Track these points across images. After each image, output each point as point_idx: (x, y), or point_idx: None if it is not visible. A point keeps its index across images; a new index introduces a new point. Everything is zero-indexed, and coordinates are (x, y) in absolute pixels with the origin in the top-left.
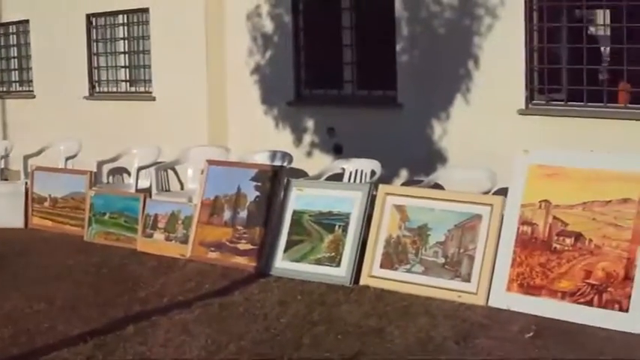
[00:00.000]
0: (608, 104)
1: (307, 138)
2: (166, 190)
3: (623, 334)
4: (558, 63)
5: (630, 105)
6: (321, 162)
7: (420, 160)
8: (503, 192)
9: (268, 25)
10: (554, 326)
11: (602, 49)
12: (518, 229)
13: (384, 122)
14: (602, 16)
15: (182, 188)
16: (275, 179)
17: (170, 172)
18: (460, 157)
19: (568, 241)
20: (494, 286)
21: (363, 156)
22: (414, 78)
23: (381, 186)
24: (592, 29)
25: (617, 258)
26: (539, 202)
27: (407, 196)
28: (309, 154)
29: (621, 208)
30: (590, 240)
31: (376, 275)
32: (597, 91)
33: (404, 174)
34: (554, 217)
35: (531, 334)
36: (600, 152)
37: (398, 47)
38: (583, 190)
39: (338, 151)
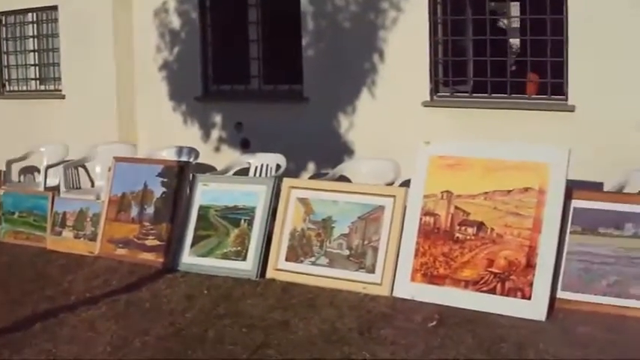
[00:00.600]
0: (513, 95)
1: (215, 133)
2: (77, 188)
3: (525, 321)
4: (465, 55)
5: (535, 96)
6: (230, 157)
7: (327, 153)
8: (408, 183)
9: (175, 22)
10: (457, 315)
11: (511, 40)
12: (421, 219)
13: (290, 116)
14: (512, 9)
15: (93, 186)
16: (181, 175)
17: (81, 169)
18: (366, 149)
19: (470, 230)
20: (398, 277)
21: (271, 150)
22: (319, 72)
23: (285, 180)
24: (503, 22)
25: (518, 246)
26: (441, 192)
27: (311, 189)
28: (217, 149)
29: (522, 197)
30: (492, 229)
31: (282, 268)
32: (513, 82)
33: (311, 167)
34: (456, 207)
35: (434, 323)
36: (502, 142)
37: (304, 42)
38: (484, 180)
39: (245, 146)
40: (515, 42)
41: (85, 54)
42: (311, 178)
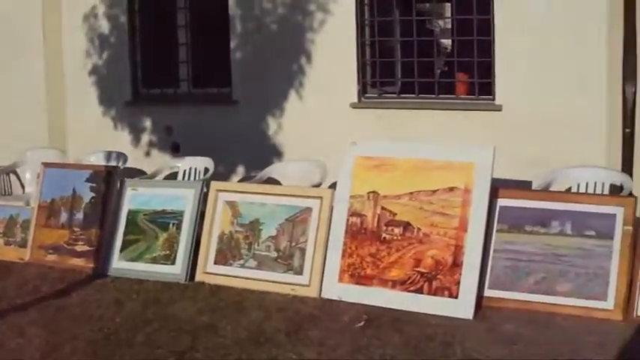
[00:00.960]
0: (440, 95)
1: (145, 137)
2: (8, 194)
3: (453, 320)
4: (393, 56)
5: (463, 96)
6: (160, 161)
7: (256, 156)
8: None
9: (105, 26)
10: (385, 315)
11: (443, 41)
12: (348, 220)
13: (220, 119)
14: (446, 10)
15: (24, 192)
16: (109, 180)
17: (12, 175)
18: (295, 151)
19: (397, 230)
20: (326, 278)
21: (202, 154)
22: (248, 75)
23: (212, 183)
24: (433, 23)
25: (445, 246)
26: (368, 193)
27: (238, 192)
28: (147, 153)
29: (448, 197)
30: (419, 229)
31: (211, 271)
32: (442, 82)
33: (241, 170)
34: (383, 208)
35: (362, 323)
36: (427, 142)
37: (232, 45)
38: (410, 180)
39: (176, 150)
40: (447, 43)
41: (14, 58)
42: (240, 180)
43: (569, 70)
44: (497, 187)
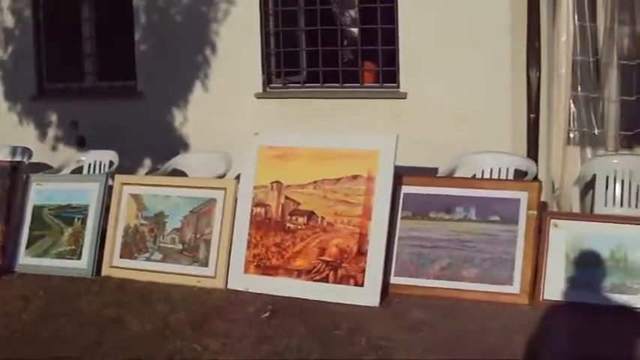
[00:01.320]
0: (345, 84)
1: (51, 132)
2: None
3: (359, 308)
4: (297, 46)
5: (367, 84)
6: (66, 155)
7: (163, 148)
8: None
9: (9, 20)
10: (291, 304)
11: (356, 30)
12: (252, 211)
13: (125, 112)
14: None
15: None
16: (14, 175)
17: None
18: (201, 142)
19: (301, 220)
20: (231, 269)
21: (108, 147)
22: (153, 67)
23: (117, 176)
24: (349, 12)
25: (349, 234)
26: (271, 183)
27: (143, 184)
28: (54, 148)
29: (351, 185)
30: (323, 218)
31: (117, 265)
32: (348, 71)
33: (148, 163)
34: (287, 197)
35: (268, 313)
36: (331, 131)
37: (136, 37)
38: (313, 170)
39: (81, 144)
40: (354, 31)
41: None
42: (147, 173)
43: (474, 57)
44: (401, 175)
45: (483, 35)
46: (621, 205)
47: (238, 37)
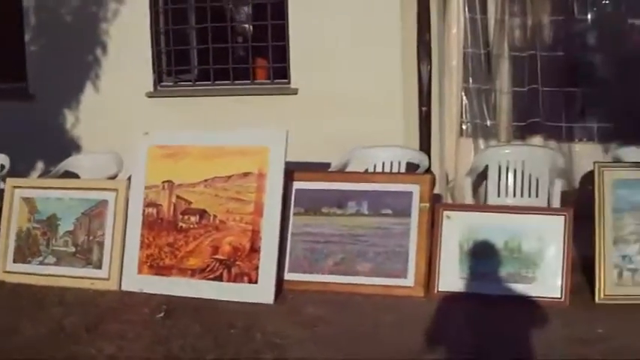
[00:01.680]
0: (236, 81)
1: None
2: None
3: (254, 305)
4: (188, 44)
5: (258, 80)
6: None
7: (56, 150)
8: None
9: None
10: (186, 304)
11: (247, 27)
12: (144, 211)
13: (16, 115)
14: None
15: None
16: None
17: None
18: (93, 143)
19: (193, 219)
20: (125, 270)
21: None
22: (44, 68)
23: (8, 180)
24: (243, 9)
25: (242, 232)
26: (162, 182)
27: (34, 187)
28: None
29: (242, 183)
30: (215, 216)
31: (10, 270)
32: (240, 68)
33: (40, 166)
34: (178, 197)
35: (162, 314)
36: (222, 129)
37: (26, 37)
38: (204, 168)
39: None
40: (248, 28)
41: None
42: (40, 176)
43: (365, 52)
44: (293, 171)
45: (374, 29)
46: (514, 195)
47: (129, 37)
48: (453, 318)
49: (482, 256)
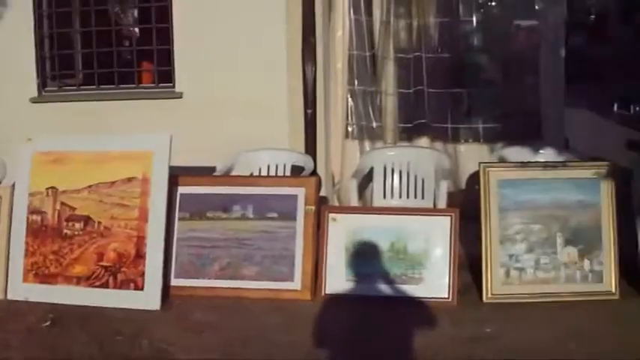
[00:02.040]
0: (121, 85)
1: None
2: None
3: (140, 312)
4: (73, 48)
5: (143, 85)
6: None
7: None
8: None
9: None
10: (72, 312)
11: (132, 30)
12: (28, 218)
13: None
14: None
15: None
16: None
17: None
18: None
19: (77, 225)
20: (10, 279)
21: None
22: None
23: None
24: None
25: (127, 238)
26: (47, 189)
27: None
28: None
29: (126, 188)
30: (99, 222)
31: None
32: (125, 72)
33: None
34: (62, 203)
35: (48, 322)
36: (106, 134)
37: None
38: (88, 174)
39: None
40: (130, 32)
41: None
42: None
43: (250, 54)
44: (177, 175)
45: (259, 32)
46: (400, 196)
47: (12, 41)
48: (340, 320)
49: (369, 258)
